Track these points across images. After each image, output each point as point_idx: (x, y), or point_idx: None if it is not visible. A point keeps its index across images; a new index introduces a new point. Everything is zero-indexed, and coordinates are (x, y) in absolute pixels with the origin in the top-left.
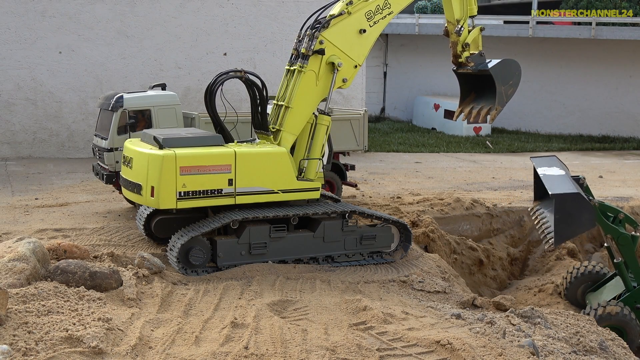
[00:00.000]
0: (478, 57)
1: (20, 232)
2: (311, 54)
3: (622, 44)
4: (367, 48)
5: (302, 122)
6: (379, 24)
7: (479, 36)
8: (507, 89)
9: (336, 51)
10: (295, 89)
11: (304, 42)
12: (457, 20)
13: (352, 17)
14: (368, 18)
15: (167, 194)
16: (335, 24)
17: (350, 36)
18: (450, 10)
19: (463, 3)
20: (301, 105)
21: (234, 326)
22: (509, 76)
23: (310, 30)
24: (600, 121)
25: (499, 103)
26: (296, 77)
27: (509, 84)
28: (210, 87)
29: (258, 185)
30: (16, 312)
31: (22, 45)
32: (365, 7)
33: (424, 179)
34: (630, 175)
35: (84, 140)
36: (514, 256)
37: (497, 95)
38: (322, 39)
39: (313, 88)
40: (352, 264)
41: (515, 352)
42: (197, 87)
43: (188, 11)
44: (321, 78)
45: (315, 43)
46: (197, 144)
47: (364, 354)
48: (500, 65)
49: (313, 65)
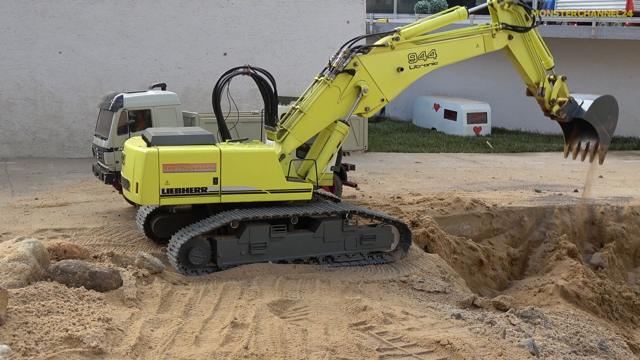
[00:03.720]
0: (569, 105)
1: (20, 232)
2: (341, 70)
3: (622, 44)
4: (400, 87)
5: (311, 132)
6: (419, 70)
7: (564, 85)
8: (607, 125)
9: (367, 78)
10: (315, 98)
11: (339, 57)
12: (537, 83)
13: (394, 52)
14: (410, 60)
15: (149, 190)
16: (374, 53)
17: (386, 70)
18: (526, 76)
19: (536, 64)
20: (315, 115)
21: (234, 326)
22: (605, 113)
23: (348, 49)
24: None
25: (603, 142)
26: (319, 87)
27: (607, 120)
28: (217, 85)
29: (244, 185)
30: (16, 312)
31: (22, 45)
32: (411, 49)
33: (424, 179)
34: (630, 175)
35: (84, 140)
36: (514, 256)
37: (599, 135)
38: (357, 60)
39: (333, 104)
40: (352, 264)
41: (515, 352)
42: (197, 87)
43: (188, 11)
44: (344, 98)
45: (348, 62)
46: (186, 143)
47: (364, 354)
48: (594, 107)
49: (340, 82)
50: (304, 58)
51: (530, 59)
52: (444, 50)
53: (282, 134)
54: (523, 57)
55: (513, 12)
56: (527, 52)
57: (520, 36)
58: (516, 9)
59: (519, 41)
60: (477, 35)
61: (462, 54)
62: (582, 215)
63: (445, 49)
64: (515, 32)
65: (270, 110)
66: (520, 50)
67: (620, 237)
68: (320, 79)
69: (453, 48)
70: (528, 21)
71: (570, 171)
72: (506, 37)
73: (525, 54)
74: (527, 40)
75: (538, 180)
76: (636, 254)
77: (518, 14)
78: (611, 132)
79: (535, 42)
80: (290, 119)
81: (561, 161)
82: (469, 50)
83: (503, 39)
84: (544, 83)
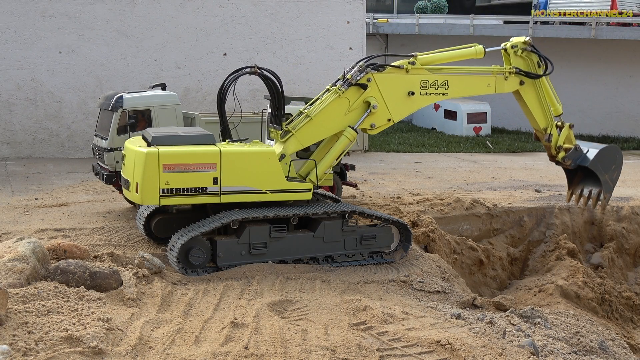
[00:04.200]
0: (574, 152)
1: (20, 232)
2: (354, 83)
3: (622, 44)
4: (408, 111)
5: (314, 138)
6: (429, 97)
7: (571, 132)
8: (611, 174)
9: (377, 95)
10: (323, 106)
11: (354, 70)
12: (544, 128)
13: (408, 76)
14: (422, 86)
15: (149, 190)
16: (389, 72)
17: (397, 91)
18: (534, 121)
19: (545, 111)
20: (321, 122)
21: (234, 326)
22: (609, 163)
23: (364, 63)
24: (600, 121)
25: (606, 191)
26: (330, 96)
27: (611, 170)
28: (223, 84)
29: (244, 185)
30: (16, 312)
31: (22, 45)
32: (424, 76)
33: (424, 179)
34: (630, 175)
35: (84, 140)
36: (514, 256)
37: (602, 184)
38: (370, 77)
39: (340, 115)
40: (352, 264)
41: (515, 352)
42: (197, 87)
43: (188, 11)
44: (352, 111)
45: (362, 76)
46: (186, 143)
47: (364, 354)
48: (599, 156)
49: (351, 94)
50: (304, 58)
51: (540, 105)
52: (456, 83)
53: (286, 134)
54: (533, 102)
55: (526, 58)
56: (537, 98)
57: (532, 82)
58: (529, 55)
59: (530, 87)
60: (490, 75)
61: (473, 90)
62: (582, 215)
63: (457, 82)
64: (527, 78)
65: (277, 109)
66: (531, 96)
67: (620, 237)
68: (332, 88)
69: (465, 83)
70: (540, 68)
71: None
72: (518, 81)
73: (535, 100)
74: (537, 86)
75: (538, 180)
76: (636, 254)
77: (531, 60)
78: (614, 181)
79: (546, 89)
80: (296, 121)
81: None
82: (480, 88)
83: (515, 83)
84: (552, 129)
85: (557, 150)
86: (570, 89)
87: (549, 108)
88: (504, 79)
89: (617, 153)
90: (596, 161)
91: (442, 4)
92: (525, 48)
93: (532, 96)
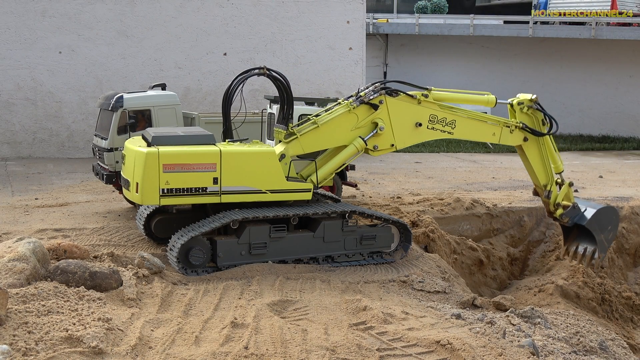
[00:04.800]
0: (572, 210)
1: (20, 232)
2: (366, 101)
3: (622, 44)
4: (411, 141)
5: (316, 146)
6: (435, 133)
7: (570, 190)
8: (606, 235)
9: (386, 119)
10: (332, 117)
11: (368, 89)
12: (544, 185)
13: (418, 107)
14: (430, 120)
15: (149, 190)
16: (401, 99)
17: (406, 119)
18: (535, 177)
19: (546, 167)
20: (326, 132)
21: (234, 326)
22: (607, 224)
23: (380, 85)
24: (600, 121)
25: (601, 251)
26: (340, 109)
27: (607, 230)
28: (230, 85)
29: (245, 185)
30: (16, 312)
31: (22, 45)
32: (434, 110)
33: (424, 179)
34: (630, 175)
35: (84, 140)
36: (514, 256)
37: (598, 244)
38: (383, 99)
39: (346, 129)
40: (352, 264)
41: (515, 352)
42: (197, 87)
43: (188, 11)
44: (359, 128)
45: (375, 97)
46: (186, 142)
47: (364, 354)
48: (596, 216)
49: (361, 112)
50: (304, 58)
51: (542, 162)
52: (464, 125)
53: (290, 136)
54: (535, 159)
55: (532, 115)
56: (540, 155)
57: (535, 139)
58: (535, 113)
59: (533, 144)
60: (497, 125)
61: (478, 136)
62: None
63: (464, 125)
64: (531, 135)
65: (285, 110)
66: (533, 152)
67: (620, 237)
68: (343, 102)
69: (472, 127)
70: (544, 126)
71: (571, 171)
72: (522, 137)
73: (538, 157)
74: (540, 143)
75: None
76: (636, 254)
77: (536, 118)
78: (610, 242)
79: (549, 147)
80: (302, 126)
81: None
82: (484, 135)
83: (519, 137)
84: (552, 186)
85: (556, 207)
86: (570, 89)
87: (551, 165)
88: (509, 132)
89: (614, 214)
90: (593, 221)
91: (442, 4)
92: (531, 106)
93: (535, 153)
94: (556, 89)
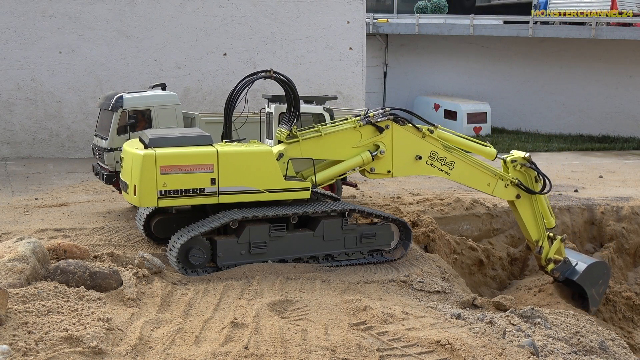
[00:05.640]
0: (563, 265)
1: (20, 232)
2: (373, 122)
3: (622, 44)
4: (409, 171)
5: (315, 154)
6: (432, 169)
7: (562, 246)
8: (597, 289)
9: (388, 144)
10: (336, 129)
11: (378, 112)
12: (536, 241)
13: (422, 140)
14: (431, 156)
15: (147, 192)
16: (407, 129)
17: (407, 149)
18: (527, 233)
19: (538, 224)
20: (327, 143)
21: (234, 326)
22: (597, 278)
23: (389, 110)
24: (600, 121)
25: (592, 304)
26: (346, 124)
27: (598, 285)
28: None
29: (242, 185)
30: (16, 312)
31: (22, 45)
32: (436, 148)
33: (424, 179)
34: (630, 175)
35: (84, 140)
36: (514, 256)
37: (589, 298)
38: (389, 124)
39: (347, 145)
40: (352, 262)
41: (515, 352)
42: (197, 87)
43: (188, 11)
44: (360, 147)
45: (383, 120)
46: (183, 144)
47: (364, 354)
48: (587, 271)
49: (365, 131)
50: (304, 58)
51: (534, 218)
52: (461, 169)
53: (292, 138)
54: (527, 215)
55: (524, 173)
56: (532, 211)
57: (528, 196)
58: (527, 171)
59: (525, 200)
60: (493, 177)
61: (473, 182)
62: (582, 215)
63: (462, 169)
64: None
65: (291, 113)
66: (526, 209)
67: (620, 237)
68: (351, 119)
69: (469, 172)
70: (537, 183)
71: (571, 171)
72: (515, 193)
73: (530, 213)
74: (533, 200)
75: None
76: (636, 254)
77: (529, 175)
78: (601, 295)
79: (541, 203)
80: (306, 131)
81: (561, 161)
82: (479, 184)
83: (512, 193)
84: (543, 242)
85: (547, 262)
86: (570, 89)
87: (543, 221)
88: (504, 186)
89: (605, 268)
90: (584, 277)
91: (442, 4)
92: (524, 164)
93: (527, 210)
94: (556, 89)
